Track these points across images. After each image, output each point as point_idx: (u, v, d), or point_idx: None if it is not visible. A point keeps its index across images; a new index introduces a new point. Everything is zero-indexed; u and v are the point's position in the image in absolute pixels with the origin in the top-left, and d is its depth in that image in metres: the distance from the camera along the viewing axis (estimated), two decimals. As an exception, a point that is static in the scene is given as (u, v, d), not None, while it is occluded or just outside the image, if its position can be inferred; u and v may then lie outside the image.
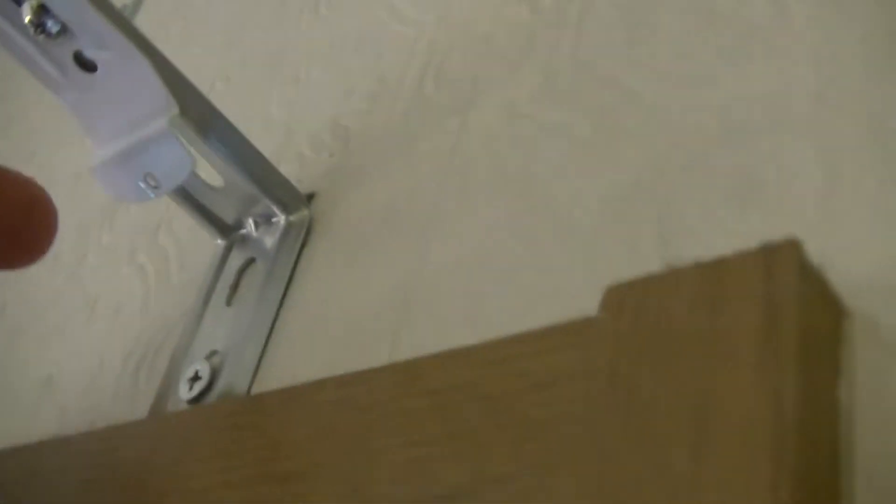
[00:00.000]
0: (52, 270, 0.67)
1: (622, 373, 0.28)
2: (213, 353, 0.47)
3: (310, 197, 0.50)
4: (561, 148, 0.41)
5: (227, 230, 0.52)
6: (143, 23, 0.83)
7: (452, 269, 0.40)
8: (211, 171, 0.50)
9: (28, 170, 0.82)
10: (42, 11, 0.44)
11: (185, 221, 0.58)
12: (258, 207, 0.50)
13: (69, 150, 0.80)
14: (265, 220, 0.50)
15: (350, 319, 0.43)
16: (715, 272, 0.28)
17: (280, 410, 0.38)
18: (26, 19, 0.44)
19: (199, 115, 0.46)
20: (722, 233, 0.33)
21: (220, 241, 0.52)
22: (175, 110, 0.45)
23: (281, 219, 0.50)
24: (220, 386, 0.45)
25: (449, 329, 0.38)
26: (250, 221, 0.51)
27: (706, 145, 0.36)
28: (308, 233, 0.49)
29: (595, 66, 0.43)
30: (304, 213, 0.49)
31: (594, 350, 0.29)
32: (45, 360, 0.60)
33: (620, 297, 0.29)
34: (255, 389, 0.44)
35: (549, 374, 0.30)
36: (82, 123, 0.47)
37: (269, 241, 0.50)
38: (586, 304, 0.34)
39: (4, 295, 0.70)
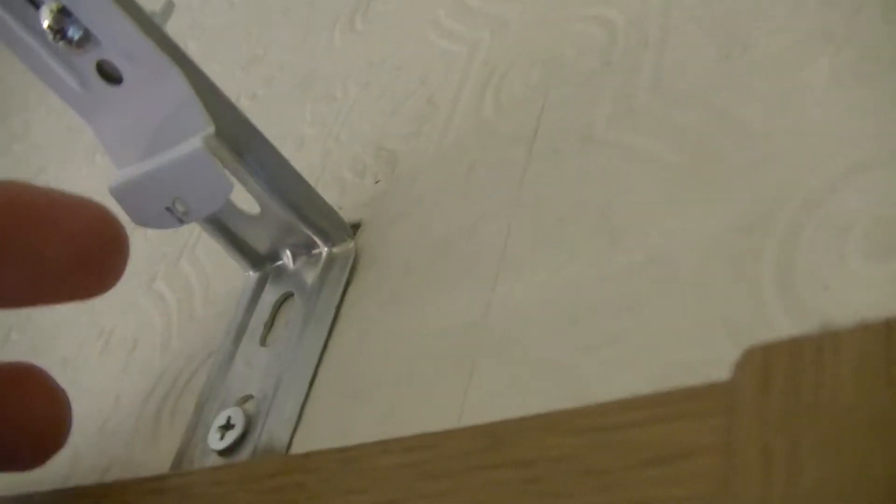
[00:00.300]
0: (61, 297, 0.62)
1: (777, 452, 0.23)
2: (248, 398, 0.42)
3: (354, 226, 0.46)
4: (651, 179, 0.36)
5: (260, 261, 0.47)
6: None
7: (528, 315, 0.36)
8: (244, 196, 0.45)
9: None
10: (63, 16, 0.39)
11: (209, 248, 0.54)
12: (296, 237, 0.45)
13: (78, 168, 0.76)
14: (305, 252, 0.46)
15: (407, 367, 0.38)
16: (884, 336, 0.23)
17: (335, 474, 0.33)
18: (45, 24, 0.39)
19: (235, 133, 0.41)
20: (861, 285, 0.28)
21: (252, 273, 0.48)
22: (211, 129, 0.40)
23: (323, 250, 0.45)
24: (256, 437, 0.40)
25: (529, 386, 0.33)
26: (287, 253, 0.46)
27: (831, 181, 0.31)
28: (353, 267, 0.44)
29: (682, 87, 0.38)
30: (349, 244, 0.45)
31: (732, 421, 0.24)
32: (53, 396, 0.55)
33: (764, 362, 0.25)
34: (297, 442, 0.39)
35: (671, 447, 0.26)
36: (103, 142, 0.43)
37: (310, 274, 0.45)
38: (698, 361, 0.29)
39: (9, 320, 0.65)
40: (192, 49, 0.77)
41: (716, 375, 0.26)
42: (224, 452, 0.41)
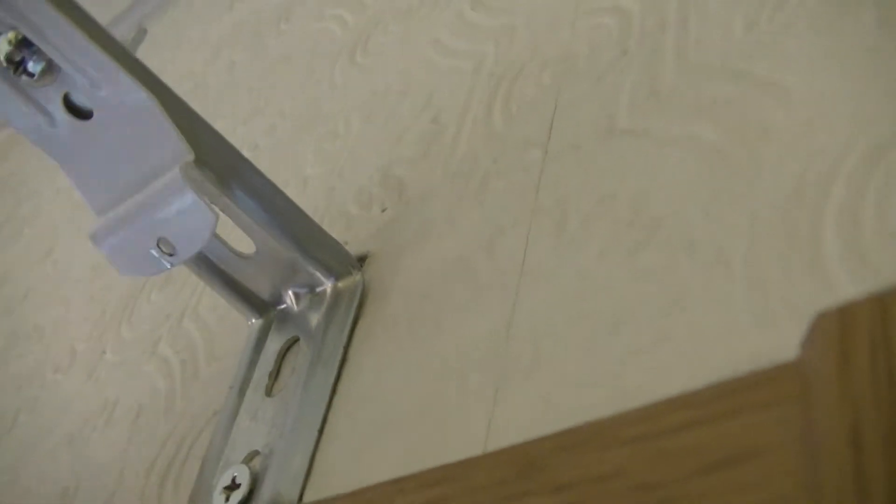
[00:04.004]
0: (67, 373, 0.58)
1: (870, 434, 0.18)
2: (254, 454, 0.38)
3: (361, 259, 0.41)
4: (686, 162, 0.32)
5: (263, 307, 0.43)
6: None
7: (556, 328, 0.31)
8: (240, 236, 0.41)
9: (43, 268, 0.75)
10: (22, 47, 0.36)
11: (213, 303, 0.50)
12: (299, 276, 0.41)
13: (85, 244, 0.72)
14: (308, 291, 0.41)
15: (424, 401, 0.33)
16: None
17: (344, 523, 0.28)
18: (3, 57, 0.36)
19: (221, 163, 0.37)
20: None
21: (255, 321, 0.43)
22: (189, 157, 0.36)
23: (327, 287, 0.41)
24: (263, 495, 0.36)
25: (564, 405, 0.29)
26: (290, 294, 0.42)
27: (891, 133, 0.27)
28: (362, 302, 0.40)
29: (711, 62, 0.34)
30: (356, 277, 0.40)
31: (807, 406, 0.20)
32: (60, 474, 0.51)
33: (841, 327, 0.20)
34: (309, 497, 0.35)
35: (736, 448, 0.21)
36: (78, 185, 0.39)
37: (315, 315, 0.41)
38: (761, 351, 0.25)
39: (17, 403, 0.61)
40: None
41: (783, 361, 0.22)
42: (234, 519, 0.36)
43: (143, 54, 0.42)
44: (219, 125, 0.64)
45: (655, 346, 0.27)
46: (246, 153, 0.59)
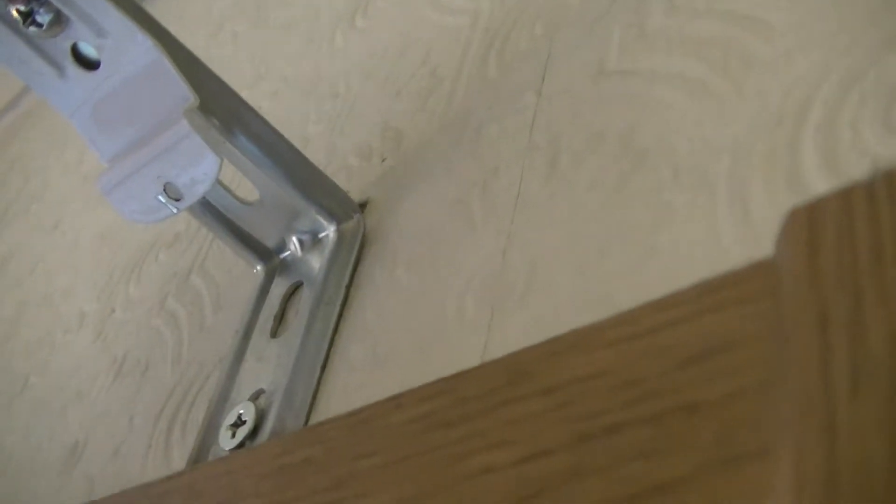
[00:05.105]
0: (77, 333, 0.59)
1: (835, 316, 0.19)
2: (259, 392, 0.39)
3: (362, 205, 0.43)
4: (673, 96, 0.33)
5: (268, 255, 0.44)
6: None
7: (549, 255, 0.32)
8: (243, 186, 0.43)
9: (51, 239, 0.76)
10: (31, -2, 0.37)
11: (219, 259, 0.51)
12: (302, 222, 0.42)
13: (93, 213, 0.74)
14: (311, 237, 0.42)
15: (423, 332, 0.35)
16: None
17: (343, 441, 0.29)
18: (13, 10, 0.37)
19: (224, 109, 0.39)
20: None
21: (260, 268, 0.44)
22: (194, 103, 0.37)
23: (329, 231, 0.42)
24: (268, 428, 0.37)
25: (557, 325, 0.30)
26: (294, 240, 0.43)
27: (870, 55, 0.28)
28: (363, 244, 0.41)
29: (696, 2, 0.35)
30: (357, 221, 0.42)
31: (779, 300, 0.21)
32: (69, 429, 0.52)
33: (810, 221, 0.21)
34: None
35: (710, 342, 0.22)
36: (86, 134, 0.40)
37: (317, 259, 0.42)
38: (741, 259, 0.26)
39: (27, 366, 0.62)
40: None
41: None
42: (237, 450, 0.37)
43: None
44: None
45: (643, 264, 0.29)
46: (249, 117, 0.60)
